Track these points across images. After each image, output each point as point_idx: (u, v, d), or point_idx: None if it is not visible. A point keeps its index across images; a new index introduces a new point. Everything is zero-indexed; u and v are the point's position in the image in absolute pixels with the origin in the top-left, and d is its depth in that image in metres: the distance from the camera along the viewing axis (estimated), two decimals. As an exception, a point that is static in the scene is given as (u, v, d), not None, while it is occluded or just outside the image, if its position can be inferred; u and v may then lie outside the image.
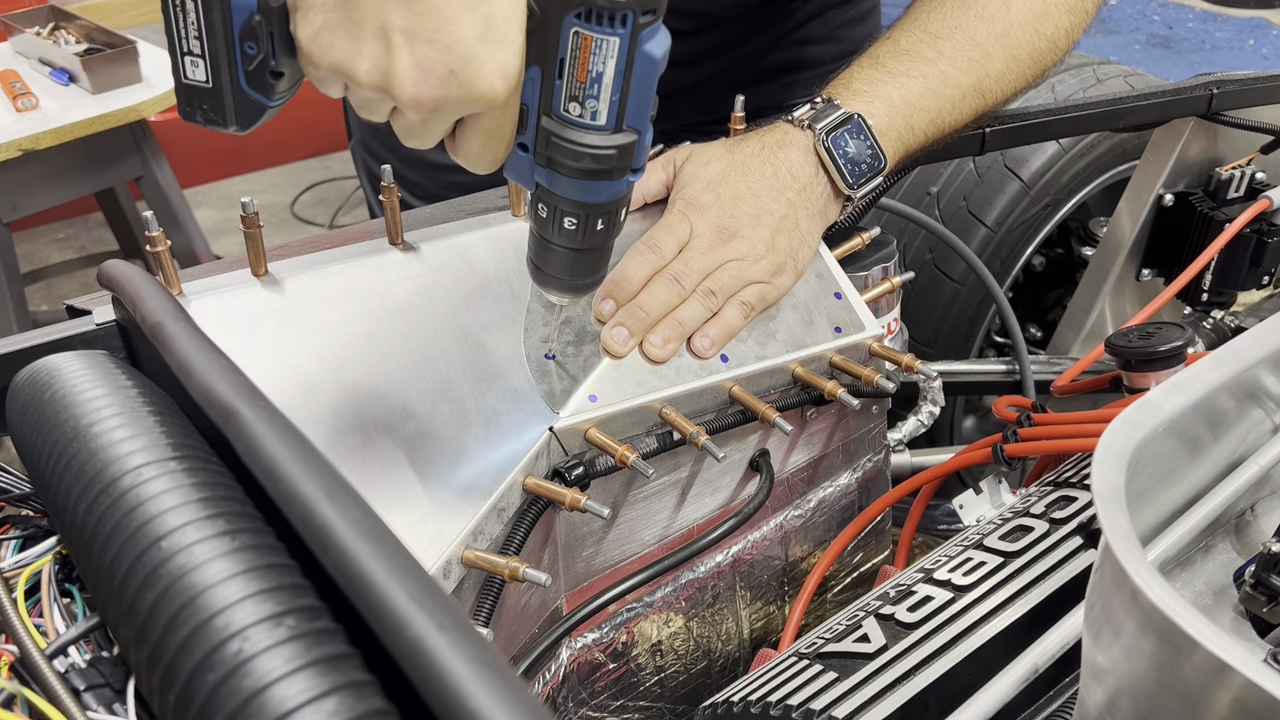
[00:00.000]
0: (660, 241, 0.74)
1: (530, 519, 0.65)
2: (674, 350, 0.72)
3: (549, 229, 0.59)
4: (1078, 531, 0.66)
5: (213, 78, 0.53)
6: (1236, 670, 0.36)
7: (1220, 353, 0.50)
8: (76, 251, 3.39)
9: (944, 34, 0.83)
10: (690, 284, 0.73)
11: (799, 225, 0.77)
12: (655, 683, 0.80)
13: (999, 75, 0.85)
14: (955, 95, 0.83)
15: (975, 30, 0.83)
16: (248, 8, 0.51)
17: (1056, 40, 0.87)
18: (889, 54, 0.83)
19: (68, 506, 0.42)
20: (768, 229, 0.75)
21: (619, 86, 0.53)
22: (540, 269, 0.62)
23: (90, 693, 0.40)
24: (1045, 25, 0.85)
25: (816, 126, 0.78)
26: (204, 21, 0.51)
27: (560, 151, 0.55)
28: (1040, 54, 0.86)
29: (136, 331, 0.60)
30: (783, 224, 0.76)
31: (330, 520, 0.35)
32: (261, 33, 0.52)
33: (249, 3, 0.51)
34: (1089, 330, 1.37)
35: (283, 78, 0.54)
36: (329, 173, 3.77)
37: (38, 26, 2.47)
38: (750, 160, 0.78)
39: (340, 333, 0.68)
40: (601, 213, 0.58)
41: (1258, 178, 1.22)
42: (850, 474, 0.87)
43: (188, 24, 0.51)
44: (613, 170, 0.55)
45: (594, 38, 0.51)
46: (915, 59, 0.82)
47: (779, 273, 0.76)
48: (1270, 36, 4.77)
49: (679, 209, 0.76)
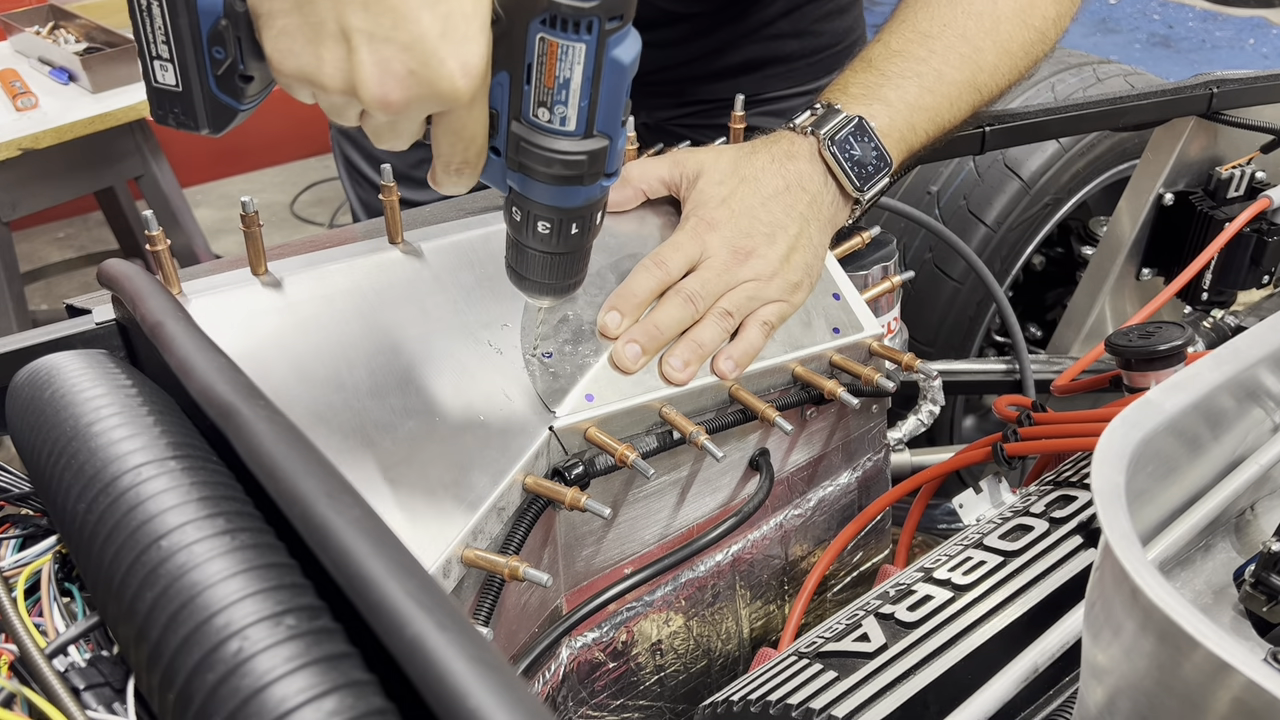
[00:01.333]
0: (668, 258, 0.74)
1: (530, 518, 0.65)
2: (694, 373, 0.72)
3: (523, 233, 0.58)
4: (1078, 531, 0.66)
5: (182, 82, 0.53)
6: (1236, 670, 0.36)
7: (1220, 352, 0.50)
8: (76, 251, 3.39)
9: (934, 32, 0.83)
10: (704, 304, 0.73)
11: (812, 239, 0.78)
12: (655, 682, 0.80)
13: (992, 69, 0.85)
14: (951, 92, 0.83)
15: (965, 26, 0.83)
16: (214, 13, 0.51)
17: (1045, 31, 0.87)
18: (881, 56, 0.84)
19: (67, 505, 0.42)
20: (783, 246, 0.76)
21: (588, 92, 0.52)
22: (518, 272, 0.61)
23: (90, 692, 0.40)
24: (1033, 17, 0.86)
25: (820, 132, 0.79)
26: (170, 26, 0.51)
27: (531, 157, 0.54)
28: (1030, 45, 0.87)
29: (136, 331, 0.60)
30: (798, 240, 0.77)
31: (329, 519, 0.35)
32: (229, 38, 0.51)
33: (215, 8, 0.51)
34: (1089, 329, 1.37)
35: (253, 81, 0.54)
36: (329, 172, 3.76)
37: (37, 25, 2.47)
38: (762, 175, 0.78)
39: (340, 332, 0.68)
40: (575, 217, 0.57)
41: (1258, 177, 1.22)
42: (850, 473, 0.87)
43: (154, 29, 0.51)
44: (584, 176, 0.55)
45: (559, 44, 0.50)
46: (908, 59, 0.83)
47: (796, 289, 0.77)
48: (1270, 36, 4.77)
49: (691, 226, 0.76)
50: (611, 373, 0.71)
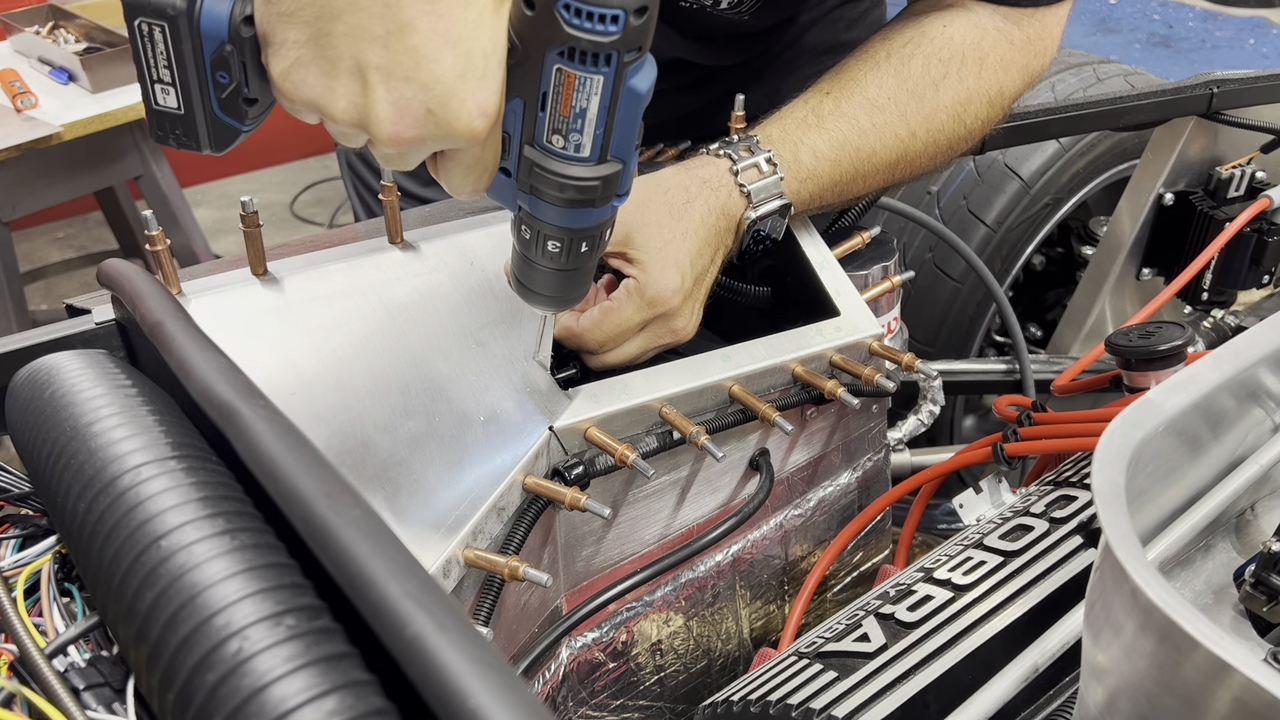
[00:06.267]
0: None
1: (530, 518, 0.65)
2: None
3: (533, 250, 0.58)
4: (1078, 531, 0.66)
5: (184, 105, 0.52)
6: (1236, 669, 0.36)
7: (1220, 352, 0.50)
8: (76, 251, 3.39)
9: (881, 104, 0.81)
10: None
11: None
12: (655, 682, 0.80)
13: (915, 157, 0.84)
14: (870, 170, 0.82)
15: (906, 107, 0.81)
16: (218, 38, 0.50)
17: (973, 130, 0.85)
18: (831, 114, 0.81)
19: (67, 505, 0.42)
20: None
21: (604, 121, 0.51)
22: (524, 285, 0.61)
23: (90, 692, 0.40)
24: (966, 114, 0.84)
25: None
26: (173, 52, 0.50)
27: (544, 181, 0.54)
28: (956, 142, 0.85)
29: (136, 331, 0.60)
30: None
31: (329, 519, 0.35)
32: (234, 63, 0.51)
33: (219, 33, 0.50)
34: (1089, 329, 1.37)
35: (256, 103, 0.53)
36: (329, 172, 3.77)
37: (37, 25, 2.47)
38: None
39: (340, 332, 0.68)
40: (585, 237, 0.57)
41: (1258, 177, 1.23)
42: (850, 473, 0.87)
43: (155, 53, 0.50)
44: (596, 199, 0.55)
45: (577, 75, 0.50)
46: (853, 125, 0.81)
47: None
48: (1270, 36, 4.77)
49: None
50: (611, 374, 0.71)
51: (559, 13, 0.47)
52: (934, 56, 0.82)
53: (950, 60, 0.82)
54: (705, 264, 0.76)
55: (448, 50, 0.48)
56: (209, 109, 0.52)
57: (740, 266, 0.85)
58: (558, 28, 0.48)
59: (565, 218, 0.55)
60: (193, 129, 0.53)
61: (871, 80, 0.82)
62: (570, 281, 0.60)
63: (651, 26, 0.49)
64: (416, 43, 0.48)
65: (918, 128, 0.82)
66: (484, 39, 0.49)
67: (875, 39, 0.85)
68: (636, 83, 0.51)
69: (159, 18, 0.49)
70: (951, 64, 0.82)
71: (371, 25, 0.48)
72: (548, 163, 0.53)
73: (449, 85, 0.49)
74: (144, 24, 0.49)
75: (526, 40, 0.50)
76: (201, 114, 0.52)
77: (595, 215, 0.56)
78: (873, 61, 0.83)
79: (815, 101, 0.82)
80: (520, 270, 0.61)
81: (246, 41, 0.50)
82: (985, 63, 0.83)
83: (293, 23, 0.49)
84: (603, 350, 0.74)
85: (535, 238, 0.57)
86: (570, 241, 0.57)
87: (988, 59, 0.83)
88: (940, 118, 0.83)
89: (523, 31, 0.50)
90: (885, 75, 0.82)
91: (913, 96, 0.82)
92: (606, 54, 0.49)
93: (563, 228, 0.56)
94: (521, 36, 0.50)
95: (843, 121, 0.81)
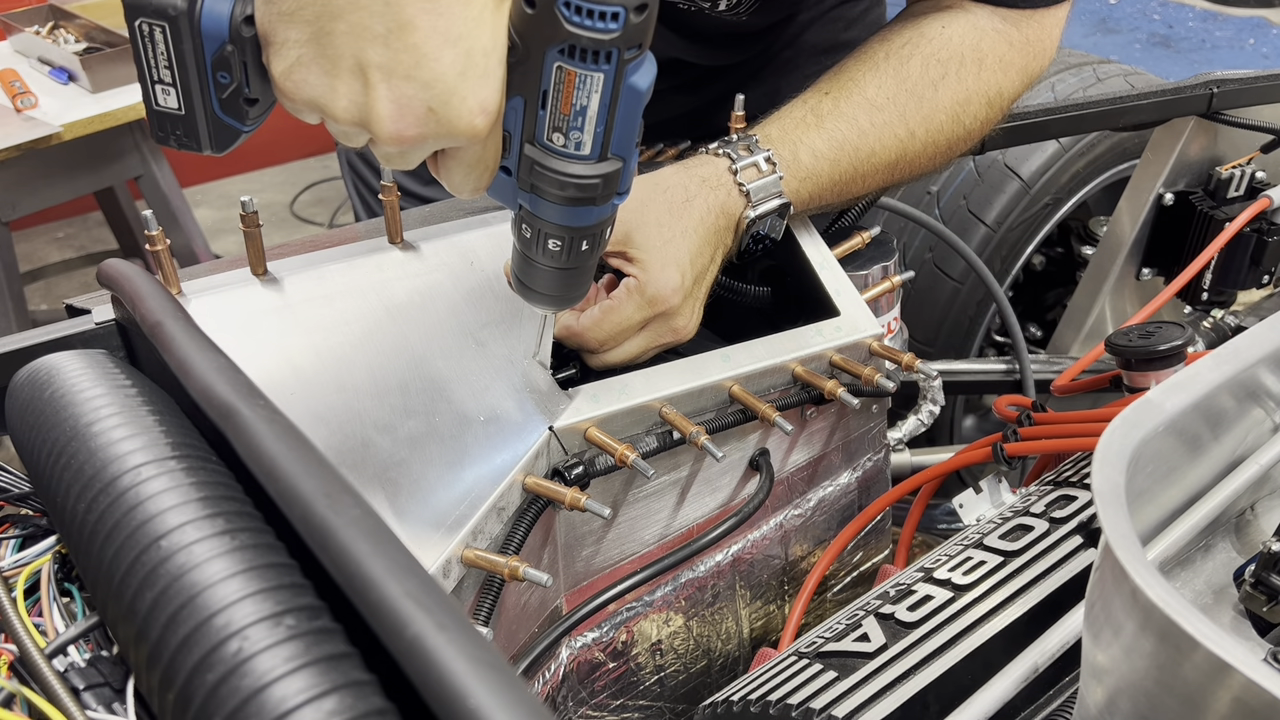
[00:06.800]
0: None
1: (530, 518, 0.65)
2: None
3: (533, 249, 0.58)
4: (1078, 531, 0.66)
5: (185, 106, 0.52)
6: (1236, 669, 0.36)
7: (1220, 352, 0.50)
8: (76, 251, 3.39)
9: (880, 104, 0.81)
10: None
11: None
12: (655, 682, 0.80)
13: (914, 157, 0.84)
14: (869, 171, 0.82)
15: (905, 107, 0.82)
16: (219, 38, 0.50)
17: (972, 131, 0.85)
18: (830, 113, 0.81)
19: (67, 505, 0.42)
20: None
21: (604, 119, 0.52)
22: (525, 284, 0.61)
23: (89, 692, 0.40)
24: (965, 114, 0.84)
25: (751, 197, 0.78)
26: (173, 52, 0.50)
27: (544, 180, 0.54)
28: (955, 142, 0.85)
29: (136, 331, 0.60)
30: None
31: (329, 519, 0.35)
32: (234, 63, 0.51)
33: (220, 33, 0.50)
34: (1089, 329, 1.37)
35: (257, 103, 0.53)
36: (328, 172, 3.77)
37: (37, 25, 2.47)
38: None
39: (340, 332, 0.68)
40: (586, 235, 0.57)
41: (1258, 177, 1.23)
42: (850, 473, 0.87)
43: (156, 54, 0.50)
44: (597, 198, 0.55)
45: (577, 73, 0.50)
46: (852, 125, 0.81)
47: None
48: (1270, 36, 4.77)
49: None
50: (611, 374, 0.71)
51: (559, 10, 0.48)
52: (933, 57, 0.82)
53: (949, 61, 0.82)
54: (705, 263, 0.76)
55: (448, 48, 0.48)
56: (210, 109, 0.52)
57: (740, 266, 0.85)
58: (558, 25, 0.48)
59: (566, 216, 0.56)
60: (193, 129, 0.53)
61: (870, 80, 0.82)
62: (571, 280, 0.60)
63: (652, 24, 0.49)
64: (417, 41, 0.48)
65: (916, 128, 0.82)
66: (484, 37, 0.49)
67: (874, 40, 0.85)
68: (637, 80, 0.51)
69: (160, 18, 0.49)
70: (950, 65, 0.82)
71: (372, 24, 0.48)
72: (548, 161, 0.53)
73: (450, 83, 0.49)
74: (145, 24, 0.49)
75: (527, 38, 0.50)
76: (202, 114, 0.52)
77: (596, 213, 0.56)
78: (872, 62, 0.83)
79: (814, 101, 0.82)
80: (521, 269, 0.61)
81: (247, 41, 0.50)
82: (984, 63, 0.83)
83: (293, 22, 0.49)
84: (603, 349, 0.74)
85: (536, 236, 0.57)
86: (571, 240, 0.57)
87: (986, 60, 0.83)
88: (939, 118, 0.83)
89: (523, 29, 0.50)
90: (884, 75, 0.82)
91: (911, 97, 0.82)
92: (607, 51, 0.49)
93: (564, 226, 0.56)
94: (522, 34, 0.50)
95: (842, 121, 0.81)
